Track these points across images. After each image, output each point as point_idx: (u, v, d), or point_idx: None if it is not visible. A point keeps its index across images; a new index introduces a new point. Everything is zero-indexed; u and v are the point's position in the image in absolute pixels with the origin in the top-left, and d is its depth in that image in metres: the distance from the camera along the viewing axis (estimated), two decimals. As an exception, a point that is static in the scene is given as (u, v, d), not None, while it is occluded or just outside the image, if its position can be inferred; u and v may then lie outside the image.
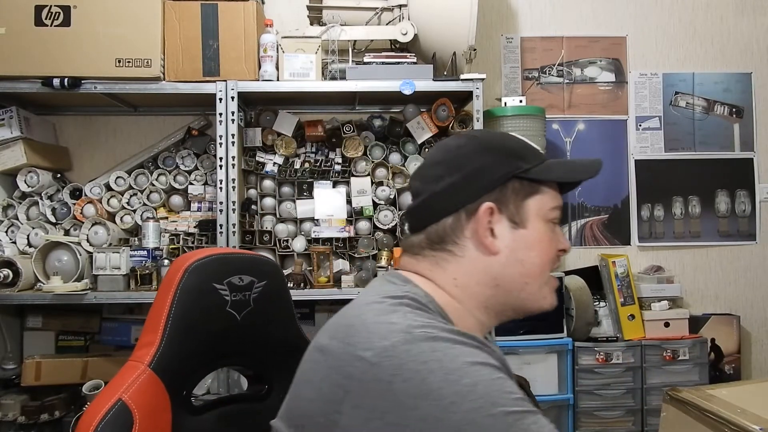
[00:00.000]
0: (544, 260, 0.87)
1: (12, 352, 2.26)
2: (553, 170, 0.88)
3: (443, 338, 0.72)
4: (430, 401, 0.67)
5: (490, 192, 0.85)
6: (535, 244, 0.86)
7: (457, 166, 0.87)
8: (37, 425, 2.07)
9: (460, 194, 0.85)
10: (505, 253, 0.86)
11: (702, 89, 2.74)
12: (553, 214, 0.88)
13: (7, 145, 2.19)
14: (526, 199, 0.86)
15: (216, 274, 0.99)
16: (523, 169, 0.85)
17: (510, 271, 0.86)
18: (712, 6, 2.75)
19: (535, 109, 2.40)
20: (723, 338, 2.51)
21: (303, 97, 2.27)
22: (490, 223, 0.85)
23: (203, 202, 2.29)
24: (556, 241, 0.89)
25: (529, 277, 0.87)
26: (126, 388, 0.84)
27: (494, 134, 0.93)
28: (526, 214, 0.86)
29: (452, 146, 0.90)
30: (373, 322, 0.76)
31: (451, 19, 2.16)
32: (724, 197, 2.74)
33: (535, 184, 0.86)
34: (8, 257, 2.06)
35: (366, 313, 0.79)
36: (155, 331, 0.91)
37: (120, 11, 2.02)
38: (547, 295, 0.89)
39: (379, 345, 0.71)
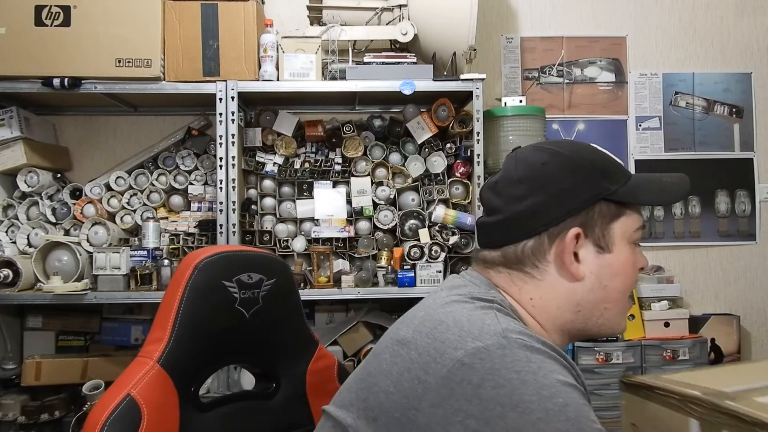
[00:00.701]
0: (627, 285, 0.85)
1: (12, 352, 2.26)
2: (642, 191, 0.84)
3: (539, 350, 0.70)
4: (519, 413, 0.64)
5: (576, 215, 0.81)
6: (620, 269, 0.83)
7: (542, 186, 0.82)
8: (37, 425, 2.07)
9: (544, 217, 0.82)
10: (590, 279, 0.82)
11: (702, 89, 2.74)
12: (637, 235, 0.85)
13: (7, 145, 2.19)
14: (612, 222, 0.82)
15: (225, 271, 0.99)
16: (611, 191, 0.82)
17: (593, 297, 0.83)
18: (712, 6, 2.75)
19: (535, 109, 2.40)
20: (723, 338, 2.51)
21: (303, 97, 2.27)
22: (576, 247, 0.82)
23: (203, 202, 2.29)
24: (638, 262, 0.86)
25: (610, 302, 0.84)
26: (135, 384, 0.85)
27: (579, 149, 0.87)
28: (612, 238, 0.83)
29: (536, 163, 0.84)
30: (467, 320, 0.73)
31: (451, 19, 2.16)
32: (724, 197, 2.74)
33: (621, 206, 0.83)
34: (8, 257, 2.06)
35: (457, 311, 0.76)
36: (164, 328, 0.92)
37: (120, 11, 2.02)
38: (623, 319, 0.87)
39: (472, 345, 0.69)
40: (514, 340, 0.69)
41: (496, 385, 0.66)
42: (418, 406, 0.69)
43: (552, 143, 0.89)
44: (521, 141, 2.33)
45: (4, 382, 2.22)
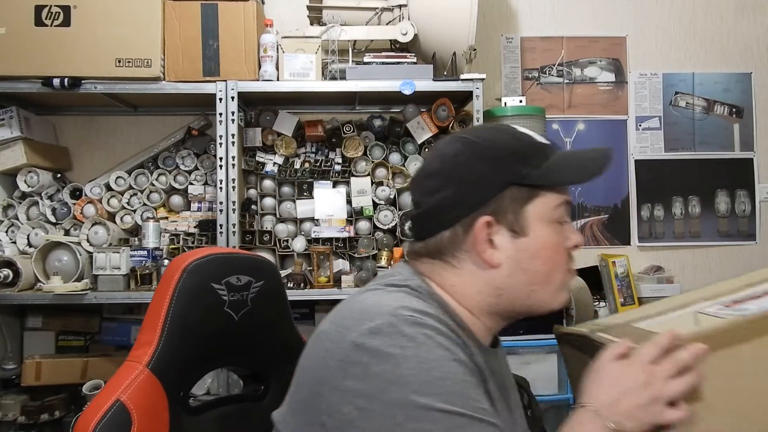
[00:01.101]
0: (550, 266, 0.84)
1: (12, 352, 2.26)
2: (556, 171, 0.83)
3: (430, 326, 0.72)
4: (398, 386, 0.67)
5: (487, 204, 0.82)
6: (539, 251, 0.83)
7: (452, 179, 0.83)
8: (37, 425, 2.07)
9: (455, 209, 0.83)
10: (508, 264, 0.83)
11: (702, 89, 2.74)
12: (557, 212, 0.84)
13: (7, 145, 2.19)
14: (525, 206, 0.82)
15: (214, 274, 0.99)
16: (521, 175, 0.81)
17: (514, 281, 0.83)
18: (712, 6, 2.75)
19: (535, 109, 2.40)
20: (723, 338, 2.51)
21: (303, 97, 2.27)
22: (489, 234, 0.82)
23: (203, 202, 2.29)
24: (564, 241, 0.85)
25: (534, 284, 0.84)
26: (124, 389, 0.84)
27: (494, 134, 0.87)
28: (527, 221, 0.82)
29: (449, 154, 0.85)
30: (370, 304, 0.76)
31: (451, 19, 2.15)
32: (724, 197, 2.74)
33: (534, 188, 0.82)
34: (8, 257, 2.05)
35: (366, 298, 0.79)
36: (153, 331, 0.91)
37: (120, 11, 2.02)
38: (557, 296, 0.86)
39: (365, 327, 0.72)
40: (404, 318, 0.72)
41: (381, 361, 0.68)
42: (321, 391, 0.71)
43: (470, 131, 0.90)
44: (521, 141, 2.33)
45: (4, 382, 2.22)
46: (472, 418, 0.67)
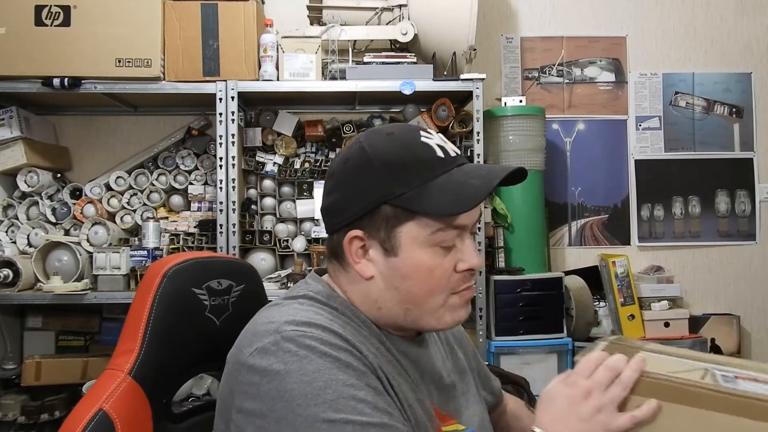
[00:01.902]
0: (426, 288, 0.80)
1: (12, 352, 2.26)
2: (428, 198, 0.77)
3: (313, 337, 0.72)
4: (284, 402, 0.68)
5: (362, 218, 0.80)
6: (410, 273, 0.79)
7: (339, 184, 0.82)
8: (37, 425, 2.07)
9: (338, 215, 0.82)
10: (380, 279, 0.81)
11: (702, 89, 2.74)
12: (436, 238, 0.79)
13: (7, 145, 2.19)
14: (397, 227, 0.79)
15: (195, 278, 0.97)
16: (395, 196, 0.78)
17: (389, 296, 0.81)
18: (712, 6, 2.75)
19: (535, 109, 2.40)
20: (723, 338, 2.51)
21: (303, 97, 2.27)
22: (364, 247, 0.81)
23: (203, 202, 2.29)
24: (451, 264, 0.80)
25: (409, 303, 0.81)
26: (107, 398, 0.82)
27: (387, 142, 0.81)
28: (398, 242, 0.79)
29: (343, 158, 0.84)
30: (259, 323, 0.77)
31: (451, 19, 2.15)
32: (724, 197, 2.74)
33: (409, 211, 0.78)
34: (8, 257, 2.05)
35: (259, 317, 0.80)
36: (134, 339, 0.89)
37: (120, 11, 2.02)
38: (439, 318, 0.82)
39: (254, 347, 0.73)
40: (287, 334, 0.72)
41: (270, 380, 0.69)
42: (229, 416, 0.73)
43: (372, 135, 0.84)
44: (521, 141, 2.33)
45: (4, 382, 2.22)
46: (363, 424, 0.67)
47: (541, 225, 2.46)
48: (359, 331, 0.80)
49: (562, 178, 2.67)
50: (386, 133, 0.83)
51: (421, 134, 0.82)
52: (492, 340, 2.20)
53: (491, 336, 2.20)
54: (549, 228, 2.62)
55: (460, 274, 0.81)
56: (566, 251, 2.68)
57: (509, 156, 2.34)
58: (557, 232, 2.68)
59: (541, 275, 2.29)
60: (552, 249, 2.64)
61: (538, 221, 2.41)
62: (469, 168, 0.82)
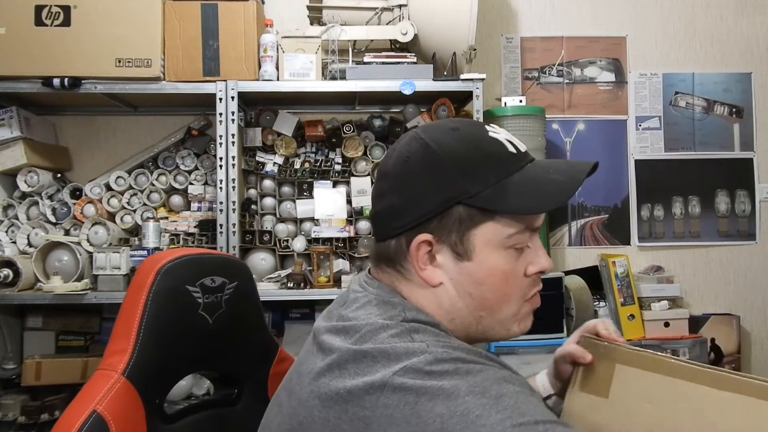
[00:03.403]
0: (499, 295, 0.75)
1: (12, 352, 2.26)
2: (508, 196, 0.72)
3: (462, 359, 0.67)
4: (458, 418, 0.61)
5: (431, 219, 0.73)
6: (485, 278, 0.74)
7: (401, 185, 0.76)
8: (37, 425, 2.07)
9: (399, 218, 0.75)
10: (451, 285, 0.75)
11: (702, 89, 2.74)
12: (513, 240, 0.74)
13: (7, 145, 2.19)
14: (472, 229, 0.73)
15: (188, 275, 0.95)
16: (469, 195, 0.72)
17: (461, 304, 0.76)
18: (712, 6, 2.75)
19: (535, 109, 2.40)
20: (723, 338, 2.51)
21: (303, 97, 2.27)
22: (431, 252, 0.75)
23: (203, 202, 2.29)
24: (522, 267, 0.76)
25: (483, 310, 0.76)
26: (100, 399, 0.80)
27: (454, 137, 0.76)
28: (472, 245, 0.73)
29: (402, 156, 0.77)
30: (384, 349, 0.68)
31: (451, 19, 2.16)
32: (724, 197, 2.74)
33: (485, 211, 0.73)
34: (8, 257, 2.05)
35: (376, 340, 0.70)
36: (127, 337, 0.87)
37: (120, 11, 2.02)
38: (509, 327, 0.78)
39: (397, 366, 0.65)
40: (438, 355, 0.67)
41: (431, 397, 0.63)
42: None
43: (434, 128, 0.78)
44: (521, 141, 2.32)
45: (4, 382, 2.22)
46: (549, 422, 0.63)
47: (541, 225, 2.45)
48: None
49: (562, 178, 2.67)
50: (450, 128, 0.76)
51: (488, 129, 0.77)
52: (492, 340, 2.19)
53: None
54: (549, 228, 2.62)
55: (529, 278, 0.77)
56: (566, 251, 2.68)
57: (509, 156, 2.33)
58: (557, 232, 2.68)
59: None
60: (552, 249, 2.64)
61: (538, 221, 2.41)
62: (544, 163, 0.77)
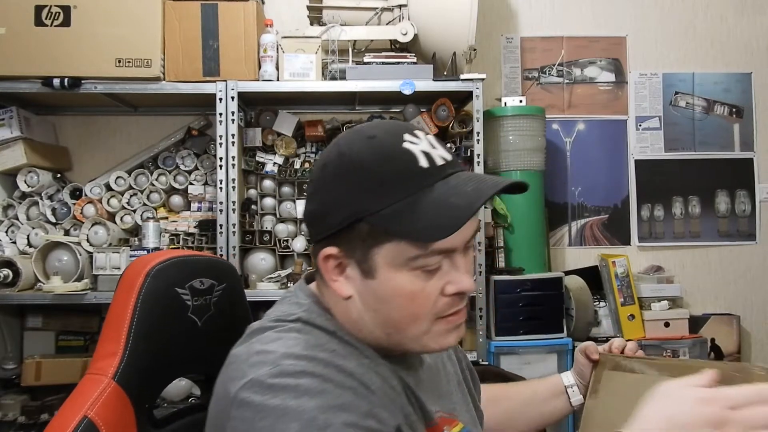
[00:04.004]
0: (407, 314, 0.71)
1: (12, 352, 2.26)
2: (406, 220, 0.68)
3: (315, 373, 0.66)
4: None
5: (339, 233, 0.71)
6: (389, 298, 0.71)
7: (316, 192, 0.75)
8: (37, 425, 2.07)
9: (314, 227, 0.76)
10: (359, 299, 0.73)
11: (702, 89, 2.74)
12: (418, 263, 0.70)
13: (7, 145, 2.19)
14: (374, 248, 0.70)
15: (178, 277, 0.94)
16: (371, 213, 0.68)
17: (367, 318, 0.74)
18: (712, 6, 2.75)
19: (535, 109, 2.40)
20: (723, 338, 2.51)
21: (303, 97, 2.27)
22: (341, 265, 0.73)
23: (203, 202, 2.29)
24: (437, 287, 0.71)
25: (389, 327, 0.73)
26: (91, 404, 0.79)
27: (365, 150, 0.71)
28: (375, 264, 0.70)
29: (321, 160, 0.75)
30: (255, 351, 0.70)
31: (451, 19, 2.16)
32: (724, 197, 2.74)
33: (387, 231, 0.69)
34: (8, 257, 2.06)
35: (253, 341, 0.73)
36: (117, 341, 0.85)
37: (120, 11, 2.02)
38: (428, 342, 0.74)
39: (248, 377, 0.66)
40: (285, 368, 0.66)
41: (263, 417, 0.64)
42: None
43: (351, 135, 0.75)
44: (521, 141, 2.33)
45: (4, 382, 2.22)
46: None
47: (541, 225, 2.46)
48: (360, 361, 0.73)
49: (562, 178, 2.67)
50: (367, 136, 0.72)
51: (405, 138, 0.71)
52: (492, 340, 2.20)
53: (491, 336, 2.20)
54: (549, 228, 2.62)
55: (448, 297, 0.72)
56: (566, 251, 2.68)
57: (509, 156, 2.34)
58: (557, 232, 2.68)
59: (541, 275, 2.29)
60: (552, 249, 2.64)
61: (538, 221, 2.41)
62: (455, 181, 0.71)
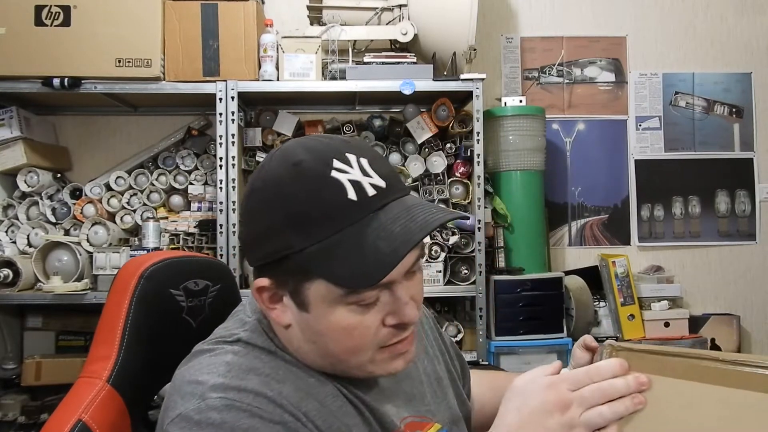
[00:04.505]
0: (345, 347, 0.69)
1: (12, 352, 2.26)
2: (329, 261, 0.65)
3: (241, 408, 0.64)
4: None
5: (269, 264, 0.69)
6: (325, 332, 0.69)
7: (245, 220, 0.72)
8: (37, 425, 2.07)
9: (247, 253, 0.75)
10: (298, 329, 0.71)
11: (702, 89, 2.74)
12: (351, 299, 0.66)
13: (7, 145, 2.19)
14: (304, 283, 0.67)
15: (172, 279, 0.93)
16: (295, 251, 0.66)
17: (307, 348, 0.72)
18: (712, 6, 2.75)
19: (535, 109, 2.40)
20: (723, 338, 2.51)
21: (303, 97, 2.27)
22: (276, 295, 0.71)
23: (203, 202, 2.29)
24: (377, 318, 0.69)
25: (330, 358, 0.71)
26: (85, 407, 0.78)
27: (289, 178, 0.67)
28: (307, 298, 0.68)
29: (250, 185, 0.72)
30: (188, 380, 0.69)
31: (451, 19, 2.16)
32: (724, 197, 2.74)
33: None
34: (8, 257, 2.06)
35: (190, 366, 0.72)
36: (111, 343, 0.85)
37: (120, 11, 2.02)
38: (373, 369, 0.72)
39: (177, 411, 0.66)
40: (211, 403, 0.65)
41: None
42: None
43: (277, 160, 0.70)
44: (521, 141, 2.33)
45: (4, 382, 2.22)
46: None
47: (541, 225, 2.46)
48: (302, 381, 0.71)
49: (562, 178, 2.67)
50: (293, 163, 0.67)
51: (333, 165, 0.66)
52: (492, 340, 2.20)
53: (491, 336, 2.20)
54: (549, 228, 2.62)
55: (389, 329, 0.69)
56: (566, 251, 2.68)
57: (509, 156, 2.34)
58: (557, 232, 2.68)
59: (541, 275, 2.29)
60: (552, 249, 2.64)
61: (538, 221, 2.41)
62: (384, 217, 0.66)
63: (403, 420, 0.78)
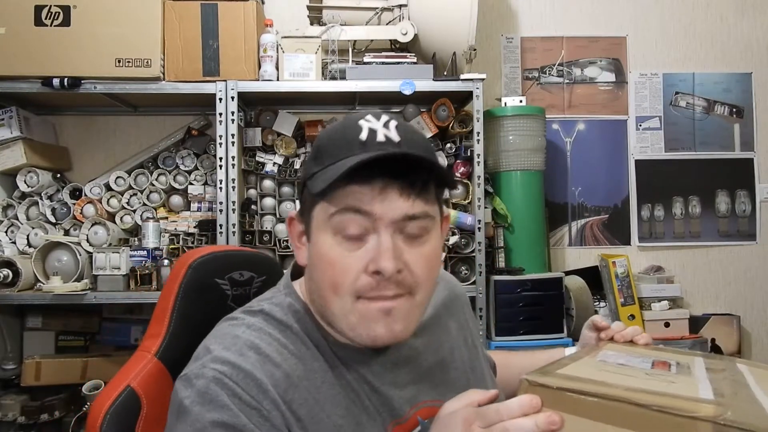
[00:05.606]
0: (329, 282, 0.73)
1: (12, 352, 2.26)
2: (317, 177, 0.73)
3: (227, 385, 0.69)
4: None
5: (301, 199, 0.81)
6: (316, 261, 0.75)
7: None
8: (37, 425, 2.07)
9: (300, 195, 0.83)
10: (308, 267, 0.79)
11: (702, 89, 2.74)
12: (334, 222, 0.72)
13: (7, 145, 2.19)
14: (311, 210, 0.76)
15: (218, 269, 1.02)
16: (308, 176, 0.76)
17: (309, 288, 0.80)
18: (712, 6, 2.75)
19: (535, 109, 2.40)
20: (723, 338, 2.51)
21: (303, 97, 2.27)
22: (301, 231, 0.80)
23: (203, 202, 2.29)
24: (359, 261, 0.72)
25: (320, 297, 0.76)
26: (134, 376, 0.88)
27: (338, 122, 0.79)
28: (311, 226, 0.76)
29: None
30: (205, 344, 0.77)
31: (451, 19, 2.16)
32: (724, 197, 2.74)
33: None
34: (8, 257, 2.05)
35: (216, 328, 0.80)
36: (161, 324, 0.96)
37: (120, 11, 2.02)
38: (354, 325, 0.73)
39: (187, 370, 0.74)
40: (207, 372, 0.71)
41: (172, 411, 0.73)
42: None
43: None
44: (521, 141, 2.33)
45: (4, 382, 2.22)
46: None
47: (541, 225, 2.46)
48: (303, 364, 0.74)
49: (562, 178, 2.67)
50: (347, 116, 0.80)
51: (366, 117, 0.75)
52: (492, 340, 2.20)
53: (491, 336, 2.20)
54: (549, 228, 2.62)
55: (370, 278, 0.72)
56: (566, 251, 2.68)
57: (509, 156, 2.34)
58: (557, 232, 2.68)
59: (541, 275, 2.29)
60: (552, 249, 2.64)
61: (538, 221, 2.41)
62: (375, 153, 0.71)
63: (416, 405, 0.80)
